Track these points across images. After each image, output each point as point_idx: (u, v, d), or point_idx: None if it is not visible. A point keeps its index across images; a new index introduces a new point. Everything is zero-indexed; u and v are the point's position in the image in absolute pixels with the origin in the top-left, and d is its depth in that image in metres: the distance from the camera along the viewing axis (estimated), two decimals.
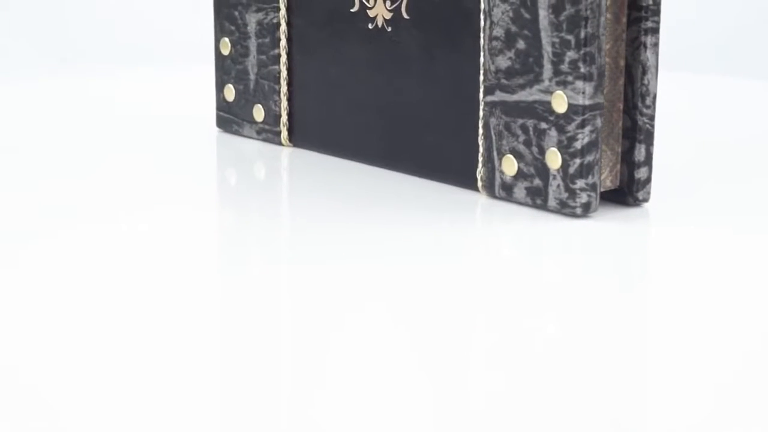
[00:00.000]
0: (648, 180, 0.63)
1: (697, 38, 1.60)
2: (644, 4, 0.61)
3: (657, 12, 0.61)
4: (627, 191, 0.63)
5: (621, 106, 0.62)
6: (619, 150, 0.63)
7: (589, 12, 0.59)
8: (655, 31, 0.62)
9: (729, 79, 1.14)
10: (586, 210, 0.61)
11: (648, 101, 0.62)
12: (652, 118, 0.63)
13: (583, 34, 0.59)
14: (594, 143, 0.60)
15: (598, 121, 0.60)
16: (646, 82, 0.62)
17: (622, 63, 0.62)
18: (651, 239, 0.61)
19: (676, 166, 0.72)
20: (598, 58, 0.59)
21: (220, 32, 0.79)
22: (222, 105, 0.81)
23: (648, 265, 0.59)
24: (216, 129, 0.82)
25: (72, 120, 0.88)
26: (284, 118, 0.76)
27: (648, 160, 0.63)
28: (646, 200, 0.64)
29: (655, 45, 0.62)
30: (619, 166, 0.63)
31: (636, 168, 0.63)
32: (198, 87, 0.94)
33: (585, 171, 0.60)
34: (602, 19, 0.59)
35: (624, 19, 0.61)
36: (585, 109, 0.60)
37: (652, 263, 0.59)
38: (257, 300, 0.52)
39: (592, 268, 0.57)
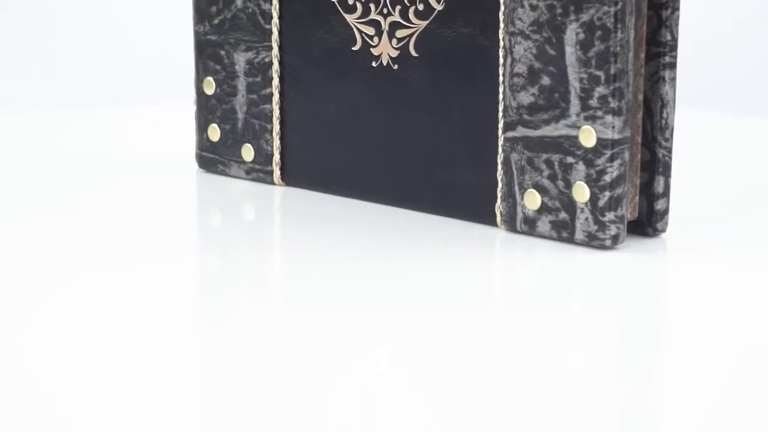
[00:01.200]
0: (666, 211, 0.65)
1: (713, 76, 1.65)
2: (663, 40, 0.63)
3: (675, 47, 0.63)
4: (646, 222, 0.65)
5: (639, 139, 0.64)
6: (638, 182, 0.64)
7: (618, 48, 0.60)
8: (673, 65, 0.63)
9: (745, 118, 1.17)
10: (615, 242, 0.62)
11: (667, 134, 0.64)
12: (670, 150, 0.64)
13: (613, 70, 0.60)
14: (623, 176, 0.61)
15: (626, 155, 0.61)
16: (665, 115, 0.63)
17: (640, 97, 0.63)
18: (672, 270, 0.63)
19: (689, 197, 0.74)
20: (626, 93, 0.61)
21: (203, 72, 0.78)
22: (205, 145, 0.79)
23: (670, 296, 0.60)
24: (198, 169, 0.81)
25: (51, 161, 0.86)
26: (276, 157, 0.76)
27: (666, 192, 0.64)
28: (664, 230, 0.65)
29: (673, 79, 0.63)
30: (637, 198, 0.64)
31: (655, 200, 0.64)
32: (173, 127, 0.93)
33: (614, 204, 0.61)
34: (630, 54, 0.61)
35: (643, 55, 0.63)
36: (614, 143, 0.61)
37: (675, 294, 0.60)
38: (253, 350, 0.50)
39: (617, 299, 0.58)
